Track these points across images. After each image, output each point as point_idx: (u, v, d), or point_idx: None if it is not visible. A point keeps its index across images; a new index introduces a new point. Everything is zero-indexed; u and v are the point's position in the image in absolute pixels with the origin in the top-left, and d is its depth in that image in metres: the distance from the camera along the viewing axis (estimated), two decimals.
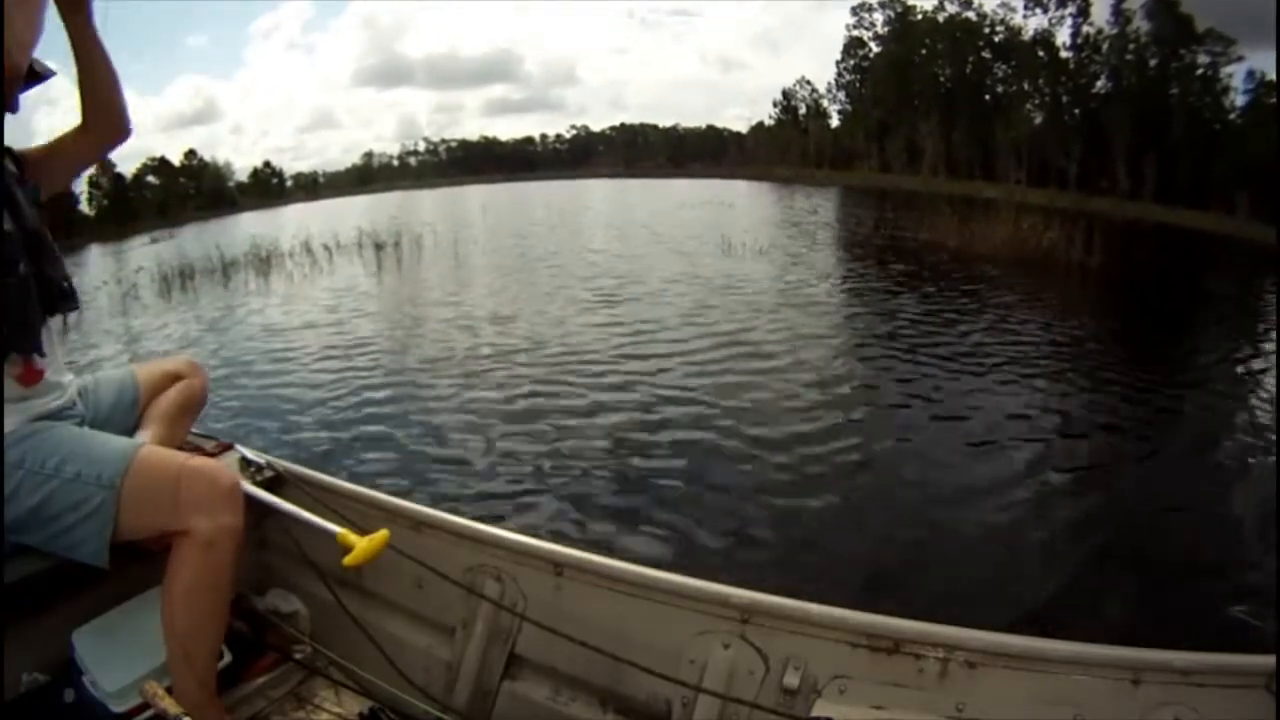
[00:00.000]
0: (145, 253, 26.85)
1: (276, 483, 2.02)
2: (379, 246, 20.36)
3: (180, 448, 1.84)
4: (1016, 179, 50.61)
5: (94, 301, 13.80)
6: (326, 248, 20.28)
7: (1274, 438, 5.91)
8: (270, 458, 2.08)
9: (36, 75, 1.49)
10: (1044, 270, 14.79)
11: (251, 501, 1.72)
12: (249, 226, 34.52)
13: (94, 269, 22.90)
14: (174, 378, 1.93)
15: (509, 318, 10.14)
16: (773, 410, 6.13)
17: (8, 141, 1.53)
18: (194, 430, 2.04)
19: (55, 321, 1.63)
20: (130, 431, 1.79)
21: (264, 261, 18.67)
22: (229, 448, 2.09)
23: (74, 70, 1.59)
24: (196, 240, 29.76)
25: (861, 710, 1.40)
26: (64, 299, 1.61)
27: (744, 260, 15.26)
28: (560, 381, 7.05)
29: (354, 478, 2.14)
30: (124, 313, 12.81)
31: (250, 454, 2.07)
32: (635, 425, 5.83)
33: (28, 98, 1.54)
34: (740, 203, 36.97)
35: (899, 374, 7.47)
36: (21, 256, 1.47)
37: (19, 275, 1.47)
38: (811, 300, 11.26)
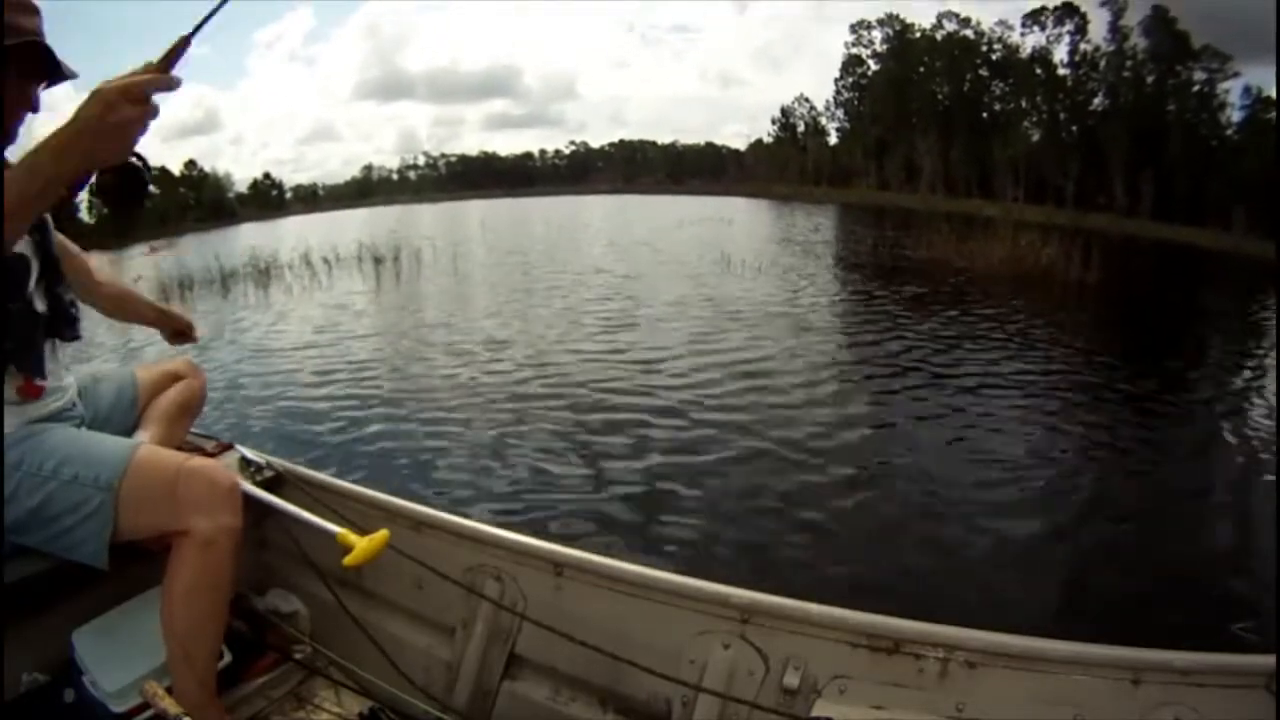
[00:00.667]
0: (144, 262, 26.79)
1: (276, 483, 2.02)
2: (378, 260, 20.34)
3: (180, 448, 1.84)
4: (1014, 196, 50.88)
5: (90, 310, 13.67)
6: (326, 260, 20.27)
7: (1274, 447, 5.93)
8: (270, 458, 2.08)
9: (61, 75, 1.49)
10: (1043, 287, 14.80)
11: (251, 501, 1.71)
12: (248, 238, 34.52)
13: None
14: (173, 378, 1.93)
15: (509, 341, 9.92)
16: (779, 432, 6.04)
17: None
18: (193, 430, 2.05)
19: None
20: (129, 431, 1.79)
21: (263, 273, 18.66)
22: (229, 448, 2.09)
23: None
24: (196, 251, 29.75)
25: (861, 710, 1.40)
26: (69, 326, 1.64)
27: (745, 279, 15.20)
28: (563, 404, 6.91)
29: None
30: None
31: (250, 454, 2.07)
32: (640, 446, 5.76)
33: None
34: (739, 220, 37.04)
35: (902, 389, 7.49)
36: (30, 281, 1.50)
37: (25, 299, 1.50)
38: (816, 320, 11.22)
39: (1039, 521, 4.59)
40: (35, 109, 1.47)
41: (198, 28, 1.11)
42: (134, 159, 1.47)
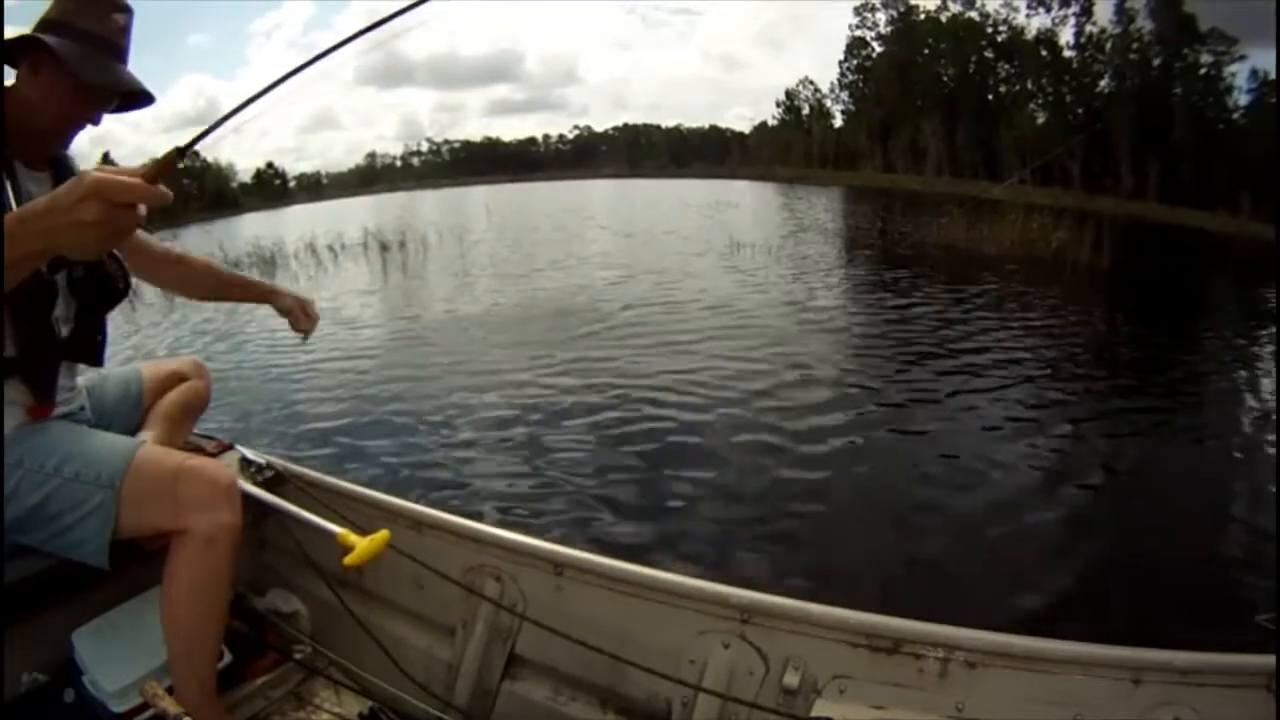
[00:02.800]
0: None
1: (277, 483, 2.03)
2: (384, 248, 20.28)
3: (181, 448, 1.84)
4: (1020, 178, 50.51)
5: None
6: (331, 249, 20.22)
7: (1275, 435, 5.91)
8: (270, 458, 2.08)
9: (136, 98, 1.54)
10: (1054, 271, 14.65)
11: (251, 501, 1.72)
12: (252, 227, 34.37)
13: None
14: (178, 378, 1.93)
15: (521, 331, 9.73)
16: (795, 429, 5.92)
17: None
18: (194, 430, 2.04)
19: None
20: (133, 430, 1.80)
21: (268, 262, 18.61)
22: (229, 448, 2.09)
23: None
24: (200, 241, 29.68)
25: (861, 710, 1.39)
26: (92, 353, 1.65)
27: (758, 268, 14.91)
28: (580, 395, 6.81)
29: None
30: (130, 312, 12.58)
31: (250, 454, 2.07)
32: (650, 438, 5.68)
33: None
34: (745, 204, 36.80)
35: (911, 375, 7.47)
36: (57, 306, 1.50)
37: (49, 324, 1.50)
38: (831, 310, 11.08)
39: (1040, 512, 4.56)
40: (95, 122, 1.52)
41: (195, 140, 1.02)
42: (114, 266, 1.53)
